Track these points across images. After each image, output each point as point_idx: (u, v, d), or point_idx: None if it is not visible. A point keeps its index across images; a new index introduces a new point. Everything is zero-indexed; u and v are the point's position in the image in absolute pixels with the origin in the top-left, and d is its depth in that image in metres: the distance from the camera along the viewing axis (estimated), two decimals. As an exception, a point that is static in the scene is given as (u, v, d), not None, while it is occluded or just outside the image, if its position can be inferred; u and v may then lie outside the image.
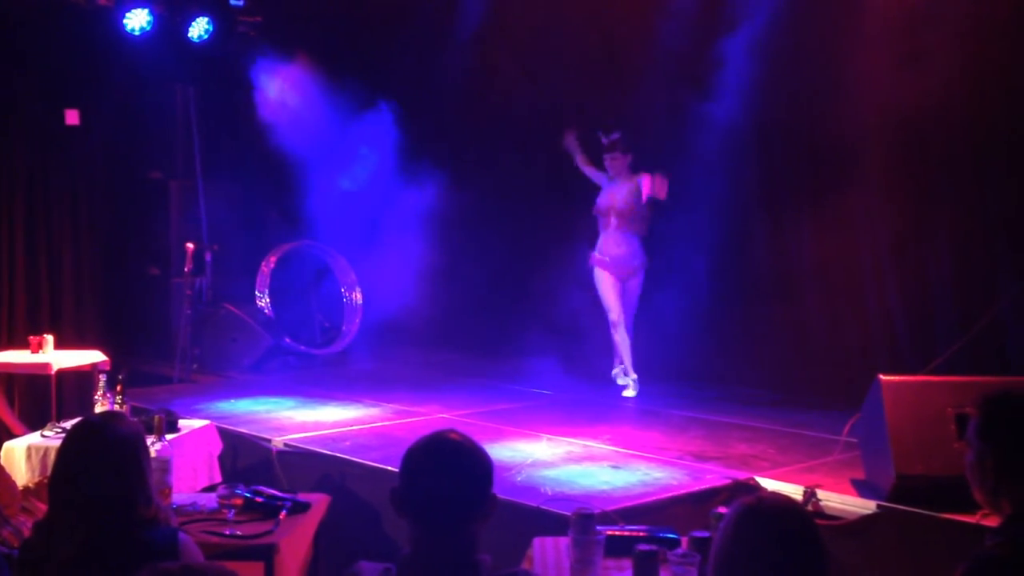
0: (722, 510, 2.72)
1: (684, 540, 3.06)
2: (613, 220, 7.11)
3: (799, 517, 1.98)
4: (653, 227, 7.34)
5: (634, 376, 7.17)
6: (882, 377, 4.43)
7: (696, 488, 4.74)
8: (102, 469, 2.63)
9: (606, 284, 7.18)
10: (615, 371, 7.33)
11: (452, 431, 2.25)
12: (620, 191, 7.10)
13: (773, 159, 7.36)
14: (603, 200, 7.16)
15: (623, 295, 7.18)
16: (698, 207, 7.50)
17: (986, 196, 6.26)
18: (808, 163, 7.14)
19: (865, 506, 4.39)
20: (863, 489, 4.55)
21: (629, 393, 7.12)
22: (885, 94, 6.51)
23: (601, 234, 7.22)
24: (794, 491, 4.59)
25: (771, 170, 7.38)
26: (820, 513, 4.48)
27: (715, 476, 4.94)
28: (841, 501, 4.50)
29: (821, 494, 4.54)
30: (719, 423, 6.24)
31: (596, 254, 7.22)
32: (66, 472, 2.68)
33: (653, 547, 2.82)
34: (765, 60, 6.98)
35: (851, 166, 6.86)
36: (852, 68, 6.68)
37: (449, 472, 2.16)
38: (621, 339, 7.18)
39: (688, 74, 7.41)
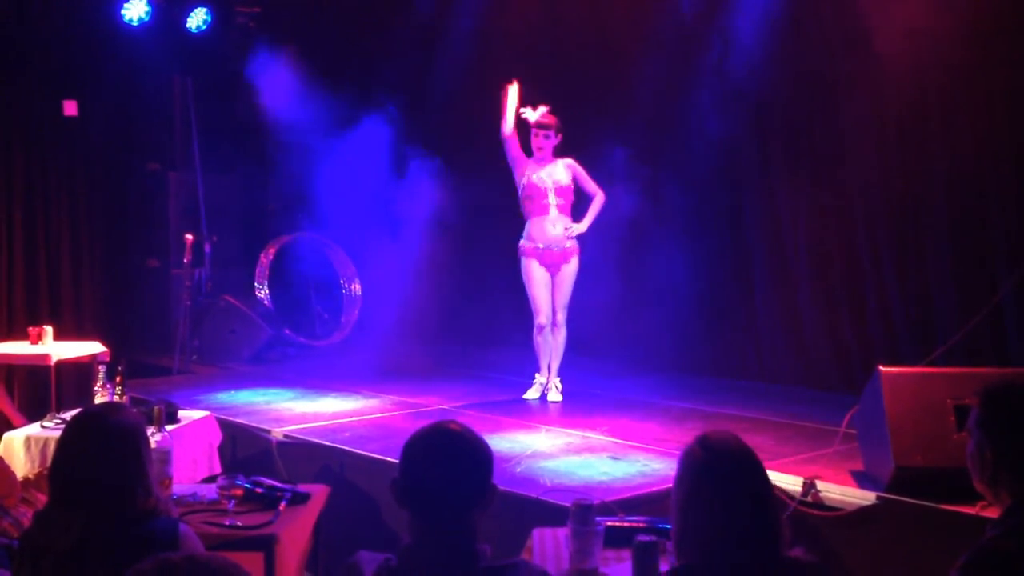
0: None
1: (683, 531, 3.06)
2: (553, 200, 6.47)
3: (745, 463, 2.23)
4: (651, 217, 7.32)
5: (557, 380, 6.66)
6: (881, 368, 4.42)
7: (695, 479, 4.74)
8: (102, 460, 2.63)
9: (537, 278, 6.56)
10: (540, 380, 6.68)
11: (452, 422, 2.25)
12: (554, 170, 6.50)
13: (770, 147, 7.34)
14: (536, 181, 6.47)
15: (554, 288, 6.58)
16: (694, 197, 7.50)
17: (986, 185, 6.25)
18: (806, 151, 7.12)
19: (864, 497, 4.40)
20: (862, 480, 4.55)
21: (554, 397, 6.62)
22: (883, 82, 6.50)
23: (530, 220, 6.57)
24: (793, 482, 4.60)
25: (768, 159, 7.36)
26: (819, 504, 4.49)
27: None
28: (840, 492, 4.50)
29: (820, 485, 4.54)
30: (717, 414, 6.24)
31: (525, 242, 6.59)
32: (66, 463, 2.68)
33: (652, 538, 2.82)
34: (763, 47, 6.98)
35: (849, 154, 6.84)
36: (851, 52, 6.66)
37: (449, 462, 2.16)
38: (544, 341, 6.59)
39: (684, 59, 7.40)
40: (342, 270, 9.31)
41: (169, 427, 4.76)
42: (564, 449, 5.37)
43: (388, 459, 5.01)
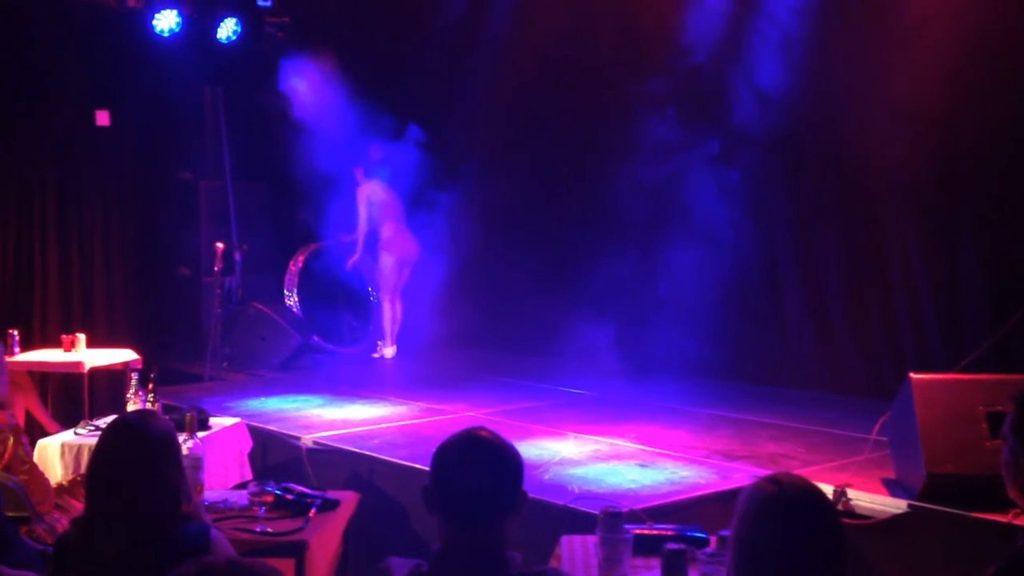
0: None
1: (713, 539, 3.06)
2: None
3: (820, 504, 2.01)
4: (678, 223, 7.34)
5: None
6: (913, 375, 4.39)
7: (725, 487, 4.73)
8: (139, 466, 2.65)
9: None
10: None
11: (482, 428, 2.25)
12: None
13: (801, 156, 7.31)
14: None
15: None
16: (726, 203, 7.47)
17: (1015, 193, 6.19)
18: (836, 159, 7.09)
19: (896, 505, 4.37)
20: (894, 488, 4.52)
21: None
22: (914, 97, 6.45)
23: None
24: (824, 490, 4.57)
25: (799, 167, 7.33)
26: (850, 512, 4.46)
27: (743, 475, 4.92)
28: (871, 500, 4.48)
29: (851, 493, 4.52)
30: (747, 421, 6.21)
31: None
32: (103, 469, 2.70)
33: (682, 546, 2.82)
34: (794, 60, 6.96)
35: (878, 160, 6.80)
36: (880, 74, 6.63)
37: (480, 469, 2.17)
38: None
39: (715, 82, 7.39)
40: (370, 277, 9.35)
41: (200, 434, 4.82)
42: (592, 456, 5.36)
43: (417, 466, 5.03)
